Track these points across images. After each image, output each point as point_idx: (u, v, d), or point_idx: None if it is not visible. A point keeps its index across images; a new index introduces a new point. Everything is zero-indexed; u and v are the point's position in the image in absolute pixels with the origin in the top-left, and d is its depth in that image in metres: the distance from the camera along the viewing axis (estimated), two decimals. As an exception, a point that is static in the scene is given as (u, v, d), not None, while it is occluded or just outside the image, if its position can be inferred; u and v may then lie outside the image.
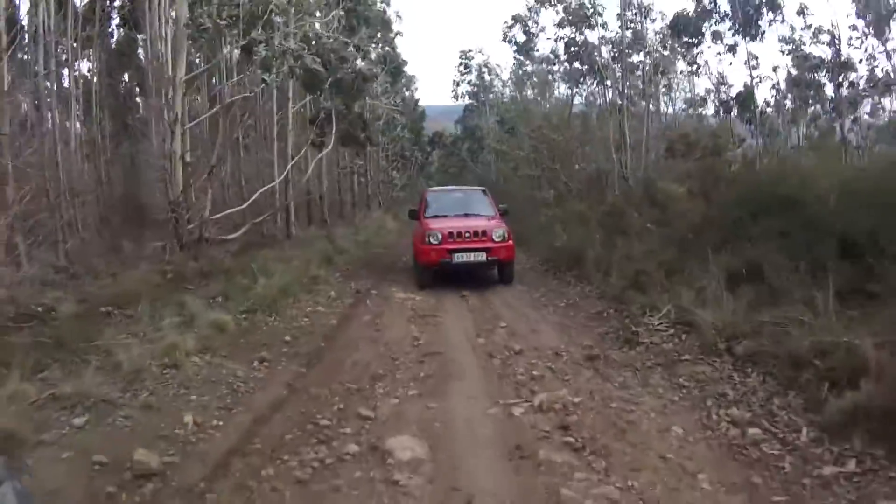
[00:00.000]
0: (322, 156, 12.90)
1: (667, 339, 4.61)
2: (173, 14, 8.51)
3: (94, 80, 10.70)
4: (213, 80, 11.16)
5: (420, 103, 29.66)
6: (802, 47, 11.61)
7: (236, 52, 9.33)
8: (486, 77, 30.12)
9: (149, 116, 10.01)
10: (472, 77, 31.59)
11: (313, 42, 9.30)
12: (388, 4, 17.47)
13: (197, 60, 10.46)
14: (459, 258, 7.79)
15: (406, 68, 23.16)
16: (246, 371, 4.17)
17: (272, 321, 5.69)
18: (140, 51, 13.60)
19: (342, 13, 10.90)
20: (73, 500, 2.47)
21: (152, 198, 12.07)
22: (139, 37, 11.80)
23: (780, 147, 10.77)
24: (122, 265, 7.90)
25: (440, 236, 7.88)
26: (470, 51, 31.72)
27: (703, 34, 11.81)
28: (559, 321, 5.73)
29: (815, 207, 5.05)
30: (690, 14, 11.50)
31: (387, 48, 17.63)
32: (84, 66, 11.37)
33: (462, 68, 32.21)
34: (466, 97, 31.95)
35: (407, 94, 24.26)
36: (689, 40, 11.98)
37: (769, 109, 11.55)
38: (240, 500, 2.51)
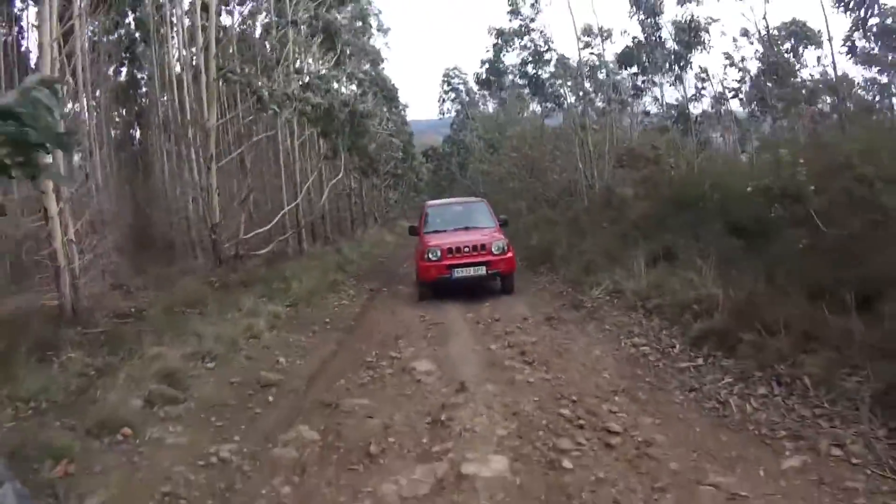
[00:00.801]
0: (326, 179, 14.72)
1: (603, 304, 6.41)
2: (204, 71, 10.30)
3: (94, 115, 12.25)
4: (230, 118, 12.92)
5: (407, 117, 31.46)
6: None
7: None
8: (467, 97, 32.25)
9: (182, 154, 11.77)
10: (455, 94, 33.73)
11: (315, 87, 11.04)
12: (384, 34, 19.48)
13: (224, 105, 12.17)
14: (459, 273, 7.89)
15: (397, 94, 25.15)
16: (304, 339, 5.92)
17: (310, 311, 7.40)
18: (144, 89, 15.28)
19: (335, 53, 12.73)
20: (227, 399, 4.17)
21: (163, 226, 13.76)
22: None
23: (719, 154, 12.61)
24: (168, 280, 9.59)
25: (439, 253, 7.97)
26: (454, 68, 33.87)
27: (645, 64, 13.81)
28: (529, 300, 7.49)
29: (709, 202, 6.88)
30: (632, 47, 13.54)
31: (377, 76, 19.53)
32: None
33: (446, 86, 34.34)
34: (452, 112, 34.03)
35: (397, 118, 26.08)
36: (635, 71, 14.07)
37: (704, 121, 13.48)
38: (326, 395, 4.24)
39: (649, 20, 13.49)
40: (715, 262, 5.54)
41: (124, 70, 14.92)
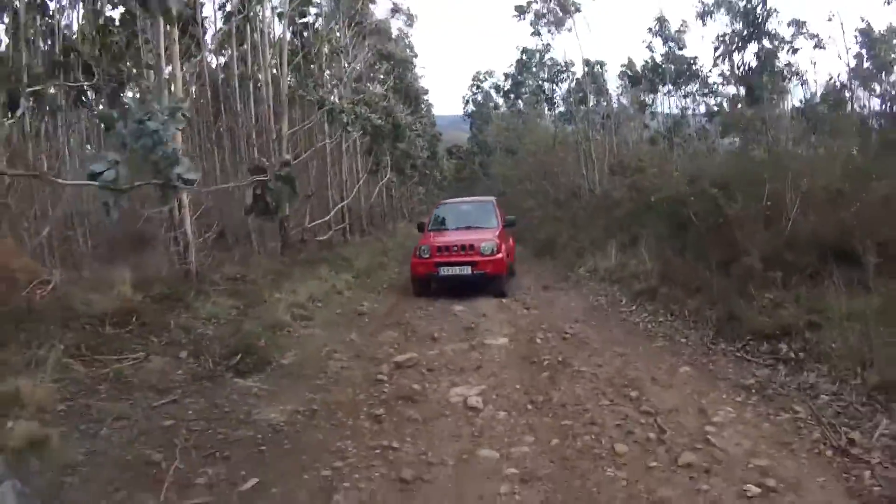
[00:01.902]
0: (369, 180, 17.36)
1: (584, 277, 8.94)
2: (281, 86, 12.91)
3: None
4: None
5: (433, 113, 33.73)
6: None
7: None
8: (493, 95, 34.60)
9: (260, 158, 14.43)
10: (480, 97, 36.08)
11: (375, 105, 13.62)
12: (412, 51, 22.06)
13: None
14: (445, 271, 8.20)
15: (425, 96, 27.74)
16: (373, 295, 8.52)
17: (370, 281, 9.97)
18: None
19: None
20: (339, 320, 6.73)
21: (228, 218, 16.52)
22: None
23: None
24: (244, 259, 12.23)
25: (430, 250, 8.38)
26: (483, 72, 36.25)
27: (652, 83, 16.20)
28: (533, 277, 10.00)
29: (667, 202, 9.32)
30: (640, 69, 15.93)
31: (409, 84, 22.12)
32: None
33: (474, 88, 36.75)
34: (473, 108, 36.32)
35: (426, 120, 28.59)
36: (640, 87, 16.46)
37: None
38: (399, 319, 6.78)
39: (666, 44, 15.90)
40: (655, 246, 8.02)
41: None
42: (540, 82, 19.56)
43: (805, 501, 2.55)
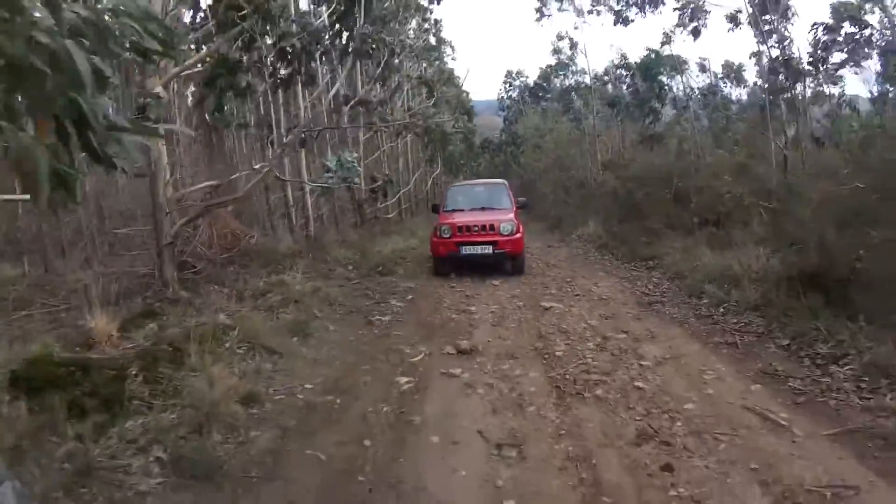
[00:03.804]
0: (416, 171, 21.95)
1: (575, 240, 13.34)
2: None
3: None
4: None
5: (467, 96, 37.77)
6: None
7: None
8: (521, 98, 38.73)
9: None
10: (514, 93, 40.23)
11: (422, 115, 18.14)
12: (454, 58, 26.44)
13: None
14: (466, 251, 8.61)
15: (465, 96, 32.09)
16: (435, 250, 13.10)
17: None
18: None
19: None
20: (416, 260, 11.25)
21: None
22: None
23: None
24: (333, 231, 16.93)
25: (450, 230, 8.74)
26: (514, 71, 40.34)
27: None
28: (543, 242, 14.40)
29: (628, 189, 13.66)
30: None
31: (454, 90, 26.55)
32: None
33: (507, 86, 40.97)
34: (507, 101, 40.60)
35: (464, 117, 32.89)
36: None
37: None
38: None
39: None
40: (611, 218, 12.36)
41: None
42: (563, 86, 23.82)
43: (628, 304, 6.97)
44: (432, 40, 21.60)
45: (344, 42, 8.22)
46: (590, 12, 17.87)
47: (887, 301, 4.43)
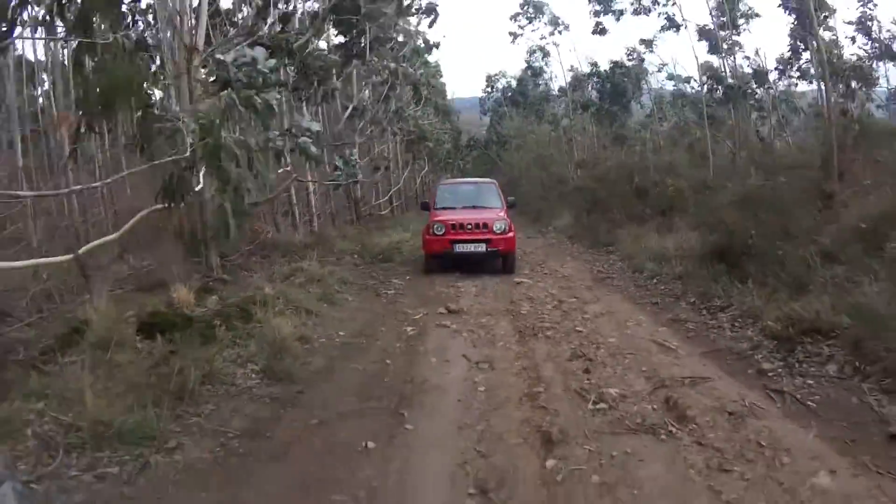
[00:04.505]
0: (409, 169, 23.48)
1: (550, 232, 14.96)
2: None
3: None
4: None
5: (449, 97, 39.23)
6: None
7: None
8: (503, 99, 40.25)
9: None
10: (496, 96, 41.77)
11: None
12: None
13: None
14: (460, 248, 8.69)
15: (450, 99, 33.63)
16: (426, 242, 14.65)
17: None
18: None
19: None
20: (410, 250, 12.78)
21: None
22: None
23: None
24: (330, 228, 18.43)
25: (444, 228, 8.81)
26: (494, 74, 41.85)
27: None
28: (524, 234, 15.98)
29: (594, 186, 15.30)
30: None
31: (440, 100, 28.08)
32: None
33: (488, 89, 42.48)
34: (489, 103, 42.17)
35: (451, 120, 34.38)
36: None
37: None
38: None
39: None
40: (585, 211, 13.98)
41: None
42: (538, 93, 25.52)
43: (585, 279, 8.55)
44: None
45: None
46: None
47: (766, 268, 6.04)
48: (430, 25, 11.93)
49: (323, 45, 11.24)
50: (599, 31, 18.73)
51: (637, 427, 3.48)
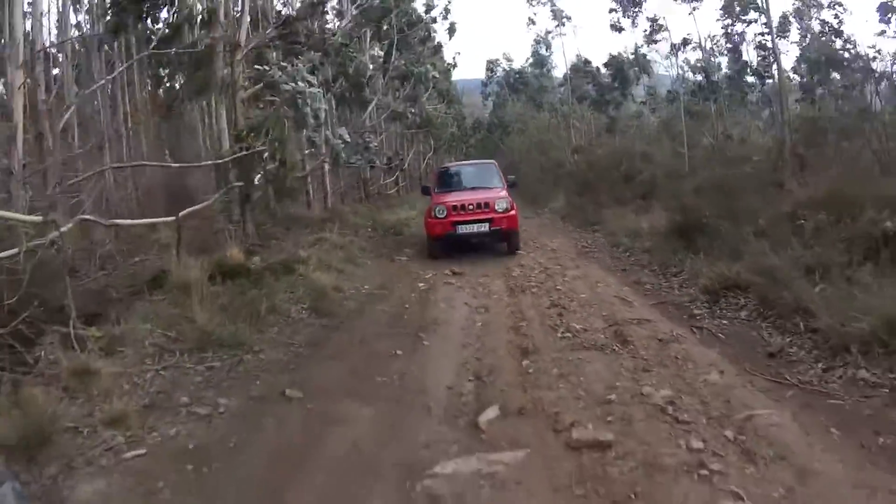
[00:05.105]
0: (414, 151, 24.69)
1: (547, 213, 16.26)
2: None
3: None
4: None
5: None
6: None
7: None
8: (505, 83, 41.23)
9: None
10: (497, 81, 42.78)
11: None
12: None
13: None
14: (463, 229, 8.77)
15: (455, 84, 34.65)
16: (431, 220, 15.97)
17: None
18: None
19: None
20: (419, 224, 14.07)
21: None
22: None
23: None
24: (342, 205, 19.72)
25: (445, 210, 8.84)
26: (495, 59, 42.83)
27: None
28: (523, 214, 17.26)
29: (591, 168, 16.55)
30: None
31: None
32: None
33: (489, 73, 43.44)
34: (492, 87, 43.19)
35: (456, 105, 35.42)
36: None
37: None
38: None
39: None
40: (577, 193, 15.27)
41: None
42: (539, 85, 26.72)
43: (570, 252, 9.88)
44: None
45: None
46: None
47: (714, 242, 7.36)
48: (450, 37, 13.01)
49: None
50: (617, 29, 19.86)
51: (590, 346, 4.83)
